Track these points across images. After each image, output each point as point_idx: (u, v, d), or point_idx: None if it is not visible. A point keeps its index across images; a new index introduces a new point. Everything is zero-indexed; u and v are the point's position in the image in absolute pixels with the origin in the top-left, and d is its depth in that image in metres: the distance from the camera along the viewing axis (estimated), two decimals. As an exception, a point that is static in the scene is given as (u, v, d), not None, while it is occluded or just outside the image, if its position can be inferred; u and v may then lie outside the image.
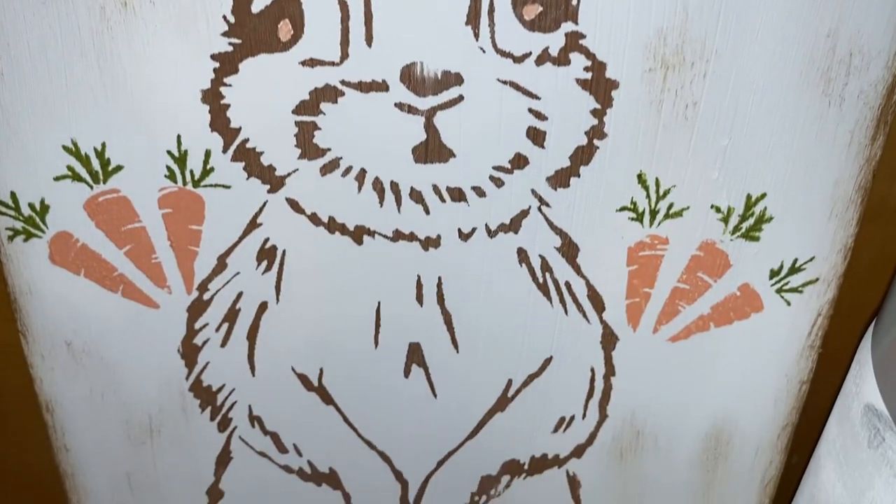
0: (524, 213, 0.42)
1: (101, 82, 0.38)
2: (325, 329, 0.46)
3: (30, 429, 0.51)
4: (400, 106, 0.39)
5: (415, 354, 0.47)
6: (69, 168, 0.40)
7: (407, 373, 0.47)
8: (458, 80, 0.38)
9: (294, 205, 0.42)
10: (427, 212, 0.42)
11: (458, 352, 0.47)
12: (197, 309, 0.45)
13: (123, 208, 0.42)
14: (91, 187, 0.41)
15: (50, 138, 0.40)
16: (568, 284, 0.45)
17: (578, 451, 0.51)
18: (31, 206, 0.41)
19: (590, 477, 0.52)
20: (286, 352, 0.46)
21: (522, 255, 0.43)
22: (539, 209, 0.42)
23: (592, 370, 0.48)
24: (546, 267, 0.44)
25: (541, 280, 0.44)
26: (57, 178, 0.41)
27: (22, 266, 0.43)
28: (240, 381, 0.47)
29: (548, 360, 0.47)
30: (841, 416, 0.43)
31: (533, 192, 0.42)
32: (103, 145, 0.40)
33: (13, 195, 0.41)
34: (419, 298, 0.45)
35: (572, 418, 0.49)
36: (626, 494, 0.52)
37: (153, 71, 0.38)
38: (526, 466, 0.51)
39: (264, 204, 0.42)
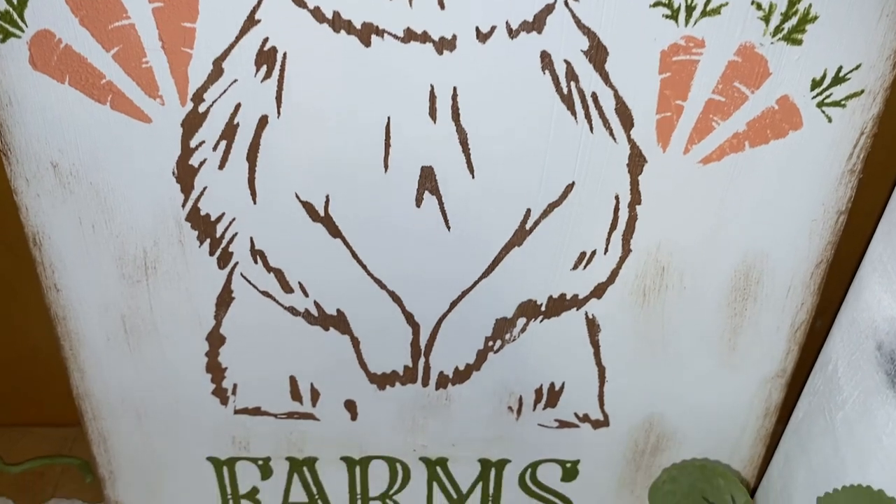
0: (549, 9, 0.39)
1: None
2: (331, 149, 0.42)
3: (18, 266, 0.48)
4: None
5: (427, 179, 0.43)
6: (47, -49, 0.37)
7: (419, 201, 0.44)
8: None
9: (296, -2, 0.38)
10: (442, 5, 0.38)
11: (473, 177, 0.43)
12: (192, 123, 0.41)
13: (110, 2, 0.38)
14: (73, -25, 0.37)
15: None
16: (595, 96, 0.41)
17: (599, 291, 0.48)
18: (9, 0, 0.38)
19: (610, 320, 0.49)
20: (289, 175, 0.43)
21: (546, 59, 0.40)
22: (566, 4, 0.38)
23: (617, 198, 0.45)
24: (571, 74, 0.41)
25: (565, 90, 0.41)
26: (35, -35, 0.37)
27: (1, 71, 0.40)
28: (240, 210, 0.44)
29: (569, 187, 0.44)
30: (888, 232, 0.40)
31: (559, -17, 0.38)
32: (84, -77, 0.36)
33: (-13, -14, 0.37)
34: (432, 113, 0.41)
35: (593, 253, 0.46)
36: (647, 339, 0.50)
37: None
38: (543, 308, 0.48)
39: (264, -3, 0.38)
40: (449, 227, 0.45)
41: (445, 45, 0.39)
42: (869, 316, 0.39)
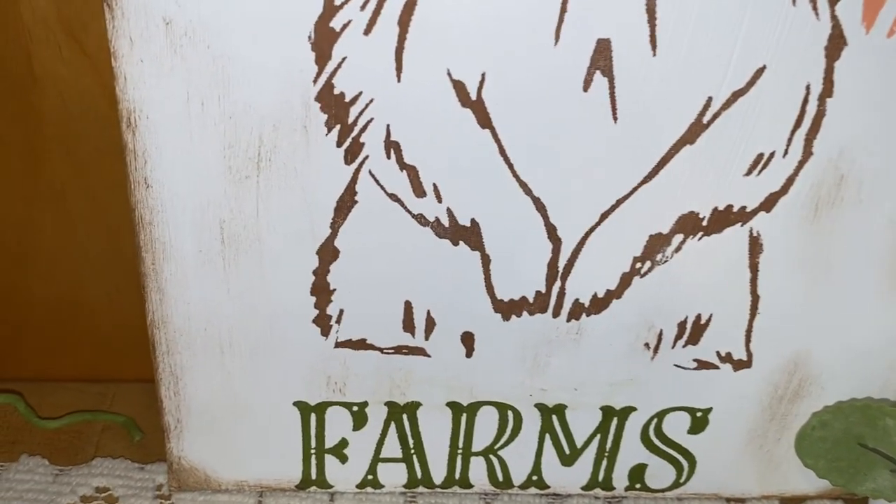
0: None
1: None
2: (497, 14, 0.36)
3: (117, 183, 0.40)
4: None
5: (601, 56, 0.38)
6: None
7: (587, 83, 0.38)
8: None
9: None
10: None
11: (655, 54, 0.38)
12: (341, -27, 0.35)
13: None
14: None
15: None
16: (805, -41, 0.36)
17: (769, 203, 0.42)
18: None
19: (775, 238, 0.43)
20: (444, 46, 0.37)
21: None
22: None
23: (808, 87, 0.39)
24: (784, -70, 0.35)
25: (775, -50, 0.36)
26: None
27: None
28: (381, 89, 0.38)
29: (759, 71, 0.39)
30: None
31: None
32: None
33: None
34: (622, -29, 0.36)
35: (772, 155, 0.41)
36: (810, 263, 0.44)
37: None
38: (705, 222, 0.43)
39: None
40: (616, 118, 0.39)
41: None
42: None
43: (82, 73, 0.45)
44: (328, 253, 0.42)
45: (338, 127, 0.39)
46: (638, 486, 0.53)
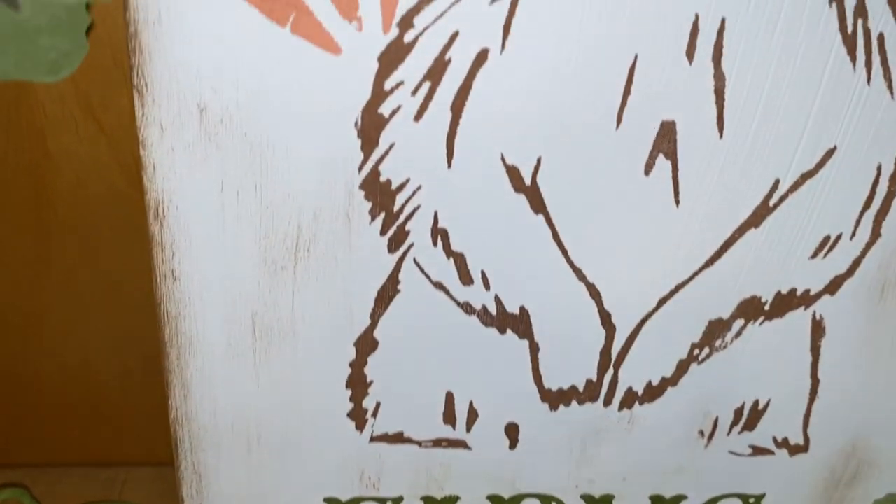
0: (855, -78, 0.32)
1: None
2: (558, 97, 0.34)
3: (131, 260, 0.37)
4: None
5: (665, 138, 0.35)
6: None
7: (649, 167, 0.36)
8: None
9: None
10: (731, -88, 0.31)
11: (721, 136, 0.35)
12: (393, 57, 0.32)
13: None
14: None
15: None
16: (881, 38, 0.34)
17: (834, 286, 0.40)
18: None
19: (838, 321, 0.41)
20: (499, 131, 0.35)
21: (837, -12, 0.33)
22: (875, -83, 0.32)
23: (879, 168, 0.37)
24: (861, 9, 0.33)
25: (850, 29, 0.34)
26: None
27: (153, -24, 0.30)
28: (430, 175, 0.35)
29: (829, 153, 0.36)
30: None
31: None
32: None
33: None
34: (690, 52, 0.33)
35: (839, 237, 0.39)
36: (873, 345, 0.42)
37: None
38: (767, 306, 0.40)
39: None
40: (678, 202, 0.37)
41: (725, -37, 0.32)
42: None
43: (99, 151, 0.42)
44: (366, 344, 0.39)
45: (382, 215, 0.36)
46: (686, 575, 0.50)
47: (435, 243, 0.37)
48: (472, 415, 0.42)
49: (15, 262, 0.46)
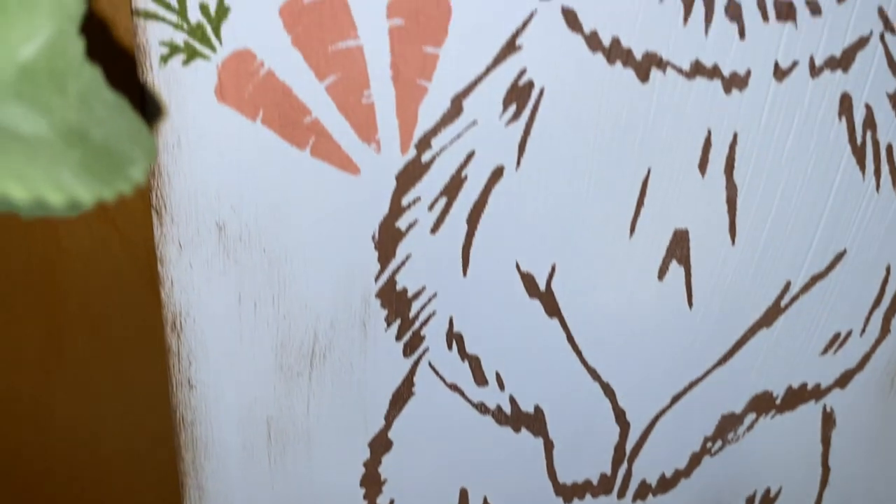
0: (862, 43, 0.32)
1: None
2: (571, 209, 0.34)
3: (143, 357, 0.37)
4: None
5: (678, 246, 0.36)
6: (270, -52, 0.28)
7: (662, 272, 0.36)
8: None
9: (570, 18, 0.30)
10: (742, 35, 0.31)
11: (733, 243, 0.36)
12: (410, 176, 0.33)
13: (337, 15, 0.29)
14: (297, -20, 0.29)
15: None
16: (890, 148, 0.35)
17: (844, 380, 0.40)
18: (204, 8, 0.29)
19: (848, 413, 0.41)
20: (514, 241, 0.35)
21: (846, 103, 0.33)
22: (881, 37, 0.32)
23: (888, 269, 0.38)
24: (870, 122, 0.34)
25: (859, 141, 0.34)
26: (249, -35, 0.28)
27: (175, 105, 0.30)
28: (445, 284, 0.35)
29: (839, 256, 0.37)
30: None
31: (880, 11, 0.32)
32: (326, -87, 0.28)
33: (179, -10, 0.28)
34: (703, 164, 0.34)
35: (849, 334, 0.39)
36: (882, 435, 0.42)
37: None
38: (778, 401, 0.41)
39: (531, 15, 0.30)
40: (691, 305, 0.37)
41: (736, 82, 0.32)
42: None
43: (112, 249, 0.42)
44: (381, 444, 0.39)
45: (398, 321, 0.36)
46: None
47: (450, 347, 0.37)
48: (486, 509, 0.43)
49: (27, 353, 0.46)
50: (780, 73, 0.32)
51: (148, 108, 0.30)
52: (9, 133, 0.17)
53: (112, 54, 0.29)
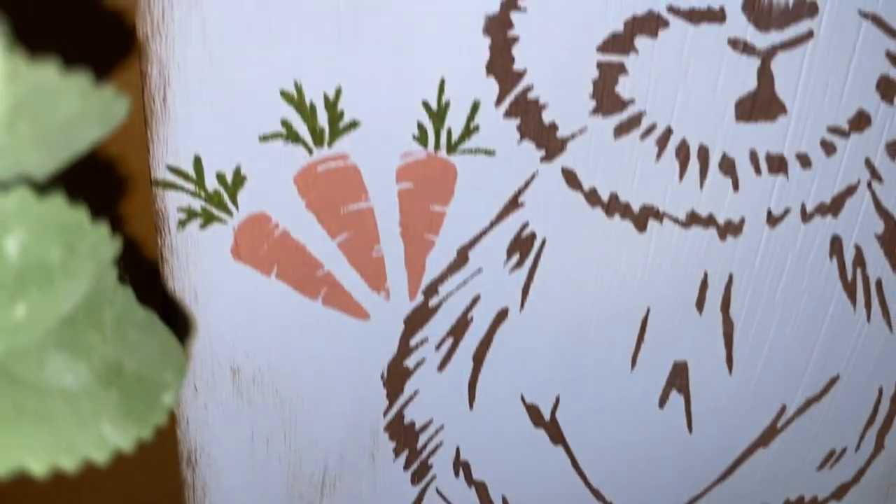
0: (850, 191, 0.34)
1: (352, 2, 0.28)
2: (574, 345, 0.35)
3: (160, 489, 0.38)
4: (734, 43, 0.30)
5: (678, 376, 0.37)
6: (285, 124, 0.29)
7: (663, 401, 0.37)
8: (811, 10, 0.30)
9: (570, 178, 0.32)
10: (736, 187, 0.33)
11: (731, 373, 0.37)
12: (418, 320, 0.34)
13: (349, 182, 0.31)
14: (311, 151, 0.30)
15: (265, 78, 0.29)
16: (879, 283, 0.36)
17: (840, 492, 0.42)
18: (221, 177, 0.30)
19: (846, 523, 0.43)
20: (518, 375, 0.36)
21: (836, 245, 0.35)
22: (869, 184, 0.34)
23: (880, 390, 0.39)
24: (859, 260, 0.35)
25: (850, 277, 0.36)
26: (264, 138, 0.30)
27: (191, 264, 0.32)
28: (452, 417, 0.37)
29: (833, 380, 0.38)
30: None
31: (867, 162, 0.33)
32: (338, 92, 0.29)
33: (197, 161, 0.30)
34: (700, 303, 0.35)
35: (843, 451, 0.40)
36: (881, 543, 0.44)
37: (428, -14, 0.28)
38: (777, 513, 0.42)
39: (533, 176, 0.32)
40: (691, 430, 0.38)
41: (731, 229, 0.33)
42: None
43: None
44: (390, 564, 0.40)
45: (406, 452, 0.37)
46: None
47: (457, 474, 0.38)
48: None
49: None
50: (772, 220, 0.34)
51: (167, 269, 0.31)
52: (54, 392, 0.18)
53: (130, 219, 0.31)
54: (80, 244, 0.18)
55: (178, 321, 0.32)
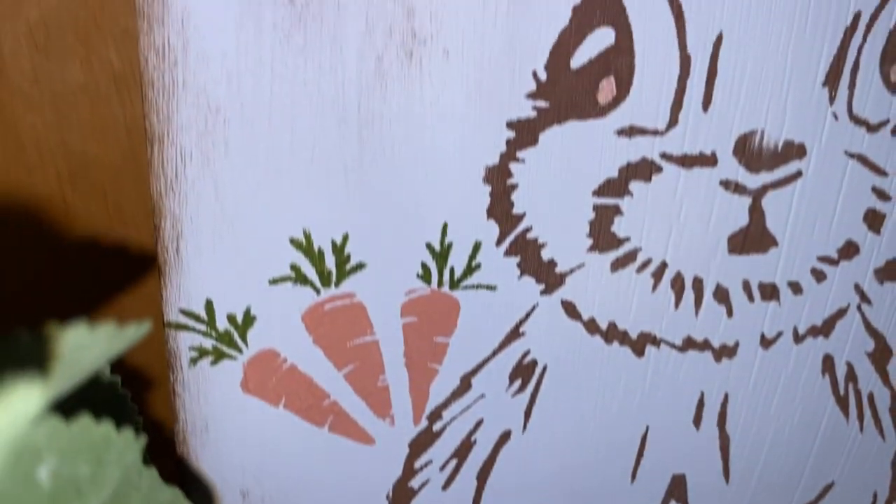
0: (841, 313, 0.35)
1: (358, 157, 0.29)
2: (574, 462, 0.36)
3: None
4: (726, 184, 0.31)
5: (676, 489, 0.38)
6: (294, 268, 0.30)
7: (662, 510, 0.38)
8: (800, 152, 0.31)
9: (570, 309, 0.33)
10: (730, 314, 0.34)
11: (727, 483, 0.38)
12: (422, 443, 0.35)
13: (356, 318, 0.32)
14: (318, 291, 0.31)
15: (275, 228, 0.30)
16: (871, 396, 0.37)
17: (839, 591, 0.42)
18: (231, 318, 0.31)
19: None
20: (521, 491, 0.37)
21: (827, 363, 0.36)
22: (858, 307, 0.35)
23: (875, 495, 0.40)
24: (851, 376, 0.36)
25: (842, 392, 0.37)
26: (274, 281, 0.31)
27: (203, 397, 0.32)
28: (456, 531, 0.37)
29: (828, 487, 0.39)
30: None
31: (856, 286, 0.34)
32: (345, 238, 0.30)
33: (209, 305, 0.31)
34: (697, 420, 0.36)
35: (841, 554, 0.41)
36: None
37: (431, 141, 0.29)
38: None
39: (533, 308, 0.33)
40: (690, 537, 0.39)
41: (725, 352, 0.34)
42: None
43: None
44: None
45: (412, 565, 0.38)
46: None
47: (462, 585, 0.39)
48: None
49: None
50: (766, 343, 0.35)
51: (179, 403, 0.32)
52: None
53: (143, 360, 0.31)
54: (107, 455, 0.19)
55: (198, 492, 0.33)
